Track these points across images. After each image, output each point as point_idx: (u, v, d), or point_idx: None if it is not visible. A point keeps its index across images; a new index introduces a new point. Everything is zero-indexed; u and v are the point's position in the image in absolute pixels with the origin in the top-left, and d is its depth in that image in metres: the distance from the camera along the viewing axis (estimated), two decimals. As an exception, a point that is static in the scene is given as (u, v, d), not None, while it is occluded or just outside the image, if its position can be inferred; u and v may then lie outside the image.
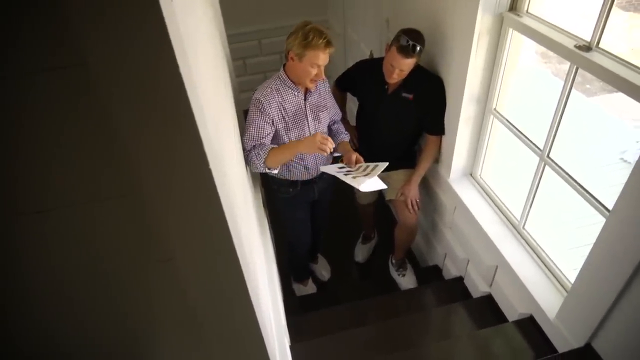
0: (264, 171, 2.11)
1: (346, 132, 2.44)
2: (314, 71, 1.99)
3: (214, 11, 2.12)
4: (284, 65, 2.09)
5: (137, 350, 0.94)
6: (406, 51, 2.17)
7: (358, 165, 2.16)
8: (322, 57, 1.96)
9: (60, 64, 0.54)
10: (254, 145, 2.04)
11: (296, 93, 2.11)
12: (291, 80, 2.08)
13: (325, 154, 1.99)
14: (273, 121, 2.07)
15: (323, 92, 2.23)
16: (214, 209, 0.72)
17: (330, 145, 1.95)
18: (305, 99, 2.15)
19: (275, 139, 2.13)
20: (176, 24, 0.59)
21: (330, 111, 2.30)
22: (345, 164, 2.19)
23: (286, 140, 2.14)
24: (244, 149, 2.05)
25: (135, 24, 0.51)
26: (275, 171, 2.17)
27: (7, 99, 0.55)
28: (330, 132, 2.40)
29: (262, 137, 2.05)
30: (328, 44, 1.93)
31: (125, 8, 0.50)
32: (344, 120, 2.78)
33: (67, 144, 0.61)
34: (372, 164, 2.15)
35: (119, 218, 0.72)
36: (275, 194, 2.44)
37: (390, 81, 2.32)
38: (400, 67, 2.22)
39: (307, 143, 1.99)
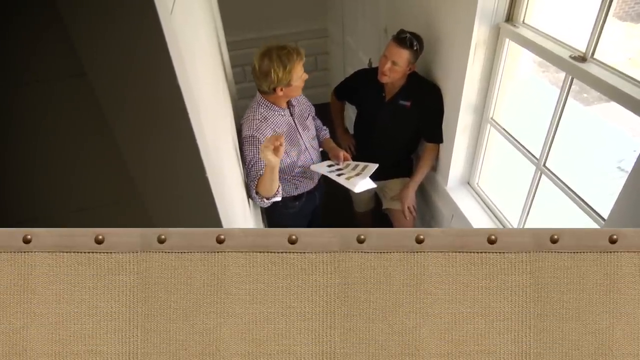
0: (270, 203, 1.95)
1: (325, 128, 2.43)
2: (303, 80, 1.98)
3: (213, 19, 2.13)
4: (262, 93, 2.00)
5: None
6: (402, 41, 2.18)
7: (346, 163, 2.17)
8: (302, 66, 1.94)
9: (60, 74, 0.55)
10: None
11: (283, 113, 2.07)
12: (274, 104, 2.03)
13: (279, 155, 1.71)
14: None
15: (299, 97, 2.18)
16: (211, 215, 0.73)
17: (274, 140, 1.69)
18: (292, 115, 2.12)
19: None
20: (175, 35, 0.60)
21: (309, 111, 2.28)
22: (334, 162, 2.19)
23: (288, 161, 2.10)
24: (250, 192, 1.95)
25: (135, 36, 0.52)
26: (279, 198, 1.99)
27: (7, 108, 0.56)
28: None
29: None
30: (299, 53, 1.91)
31: (125, 21, 0.51)
32: (343, 129, 2.80)
33: (67, 152, 0.62)
34: (361, 164, 2.15)
35: (118, 223, 0.72)
36: (281, 210, 2.29)
37: (381, 78, 2.29)
38: (392, 58, 2.20)
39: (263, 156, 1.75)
